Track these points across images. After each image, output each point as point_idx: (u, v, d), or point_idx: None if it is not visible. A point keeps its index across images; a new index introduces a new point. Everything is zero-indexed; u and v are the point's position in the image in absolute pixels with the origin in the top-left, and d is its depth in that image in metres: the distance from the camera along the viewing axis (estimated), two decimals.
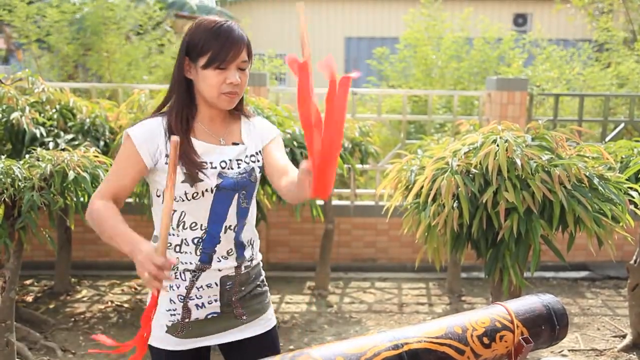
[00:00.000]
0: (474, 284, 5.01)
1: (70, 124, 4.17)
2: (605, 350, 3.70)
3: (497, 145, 2.50)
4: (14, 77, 4.17)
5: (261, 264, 1.81)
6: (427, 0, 7.85)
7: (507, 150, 2.49)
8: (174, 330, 1.65)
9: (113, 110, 4.48)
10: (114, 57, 7.19)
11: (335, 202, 5.23)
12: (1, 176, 2.74)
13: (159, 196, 1.63)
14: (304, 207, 3.79)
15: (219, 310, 1.67)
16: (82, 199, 3.10)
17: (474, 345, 1.34)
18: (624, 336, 3.84)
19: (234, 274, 1.67)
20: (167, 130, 1.60)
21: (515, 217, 2.45)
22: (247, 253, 1.71)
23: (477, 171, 2.54)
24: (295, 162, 3.74)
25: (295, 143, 3.77)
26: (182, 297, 1.64)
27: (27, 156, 3.05)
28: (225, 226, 1.63)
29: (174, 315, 1.64)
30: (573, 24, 8.90)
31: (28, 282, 4.76)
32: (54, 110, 4.15)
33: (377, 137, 4.95)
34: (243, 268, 1.69)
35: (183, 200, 1.59)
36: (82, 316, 4.12)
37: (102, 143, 4.19)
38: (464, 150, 2.65)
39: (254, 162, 1.68)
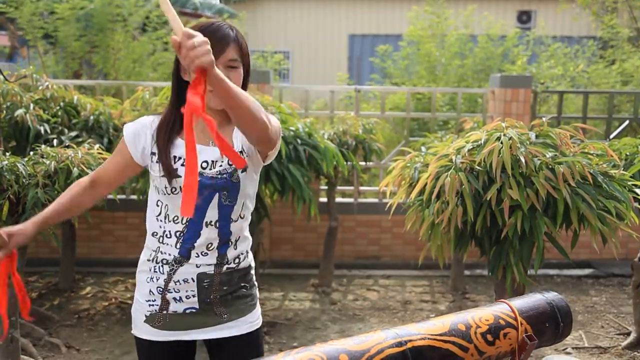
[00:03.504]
0: (477, 281, 5.00)
1: (74, 121, 4.18)
2: (609, 348, 3.69)
3: (501, 143, 2.49)
4: (18, 75, 4.18)
5: (252, 268, 1.80)
6: None
7: (511, 147, 2.48)
8: (152, 320, 1.70)
9: (117, 107, 4.49)
10: (120, 54, 7.20)
11: (338, 199, 5.23)
12: (6, 173, 2.74)
13: (153, 186, 1.71)
14: (305, 205, 3.79)
15: (197, 306, 1.68)
16: None
17: (478, 342, 1.34)
18: (628, 334, 3.83)
19: (212, 272, 1.67)
20: (156, 127, 1.69)
21: (519, 215, 2.44)
22: (231, 253, 1.70)
23: (480, 168, 2.54)
24: (299, 160, 3.74)
25: (298, 140, 3.77)
26: (161, 289, 1.68)
27: (31, 153, 3.06)
28: (206, 222, 1.65)
29: (152, 305, 1.70)
30: (577, 22, 8.88)
31: (32, 278, 4.78)
32: (58, 108, 4.15)
33: (381, 135, 4.94)
34: (224, 268, 1.69)
35: (165, 194, 1.66)
36: (86, 313, 4.13)
37: (105, 140, 4.20)
38: (468, 147, 2.64)
39: None
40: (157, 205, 1.68)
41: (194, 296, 1.67)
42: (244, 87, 1.67)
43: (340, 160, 4.04)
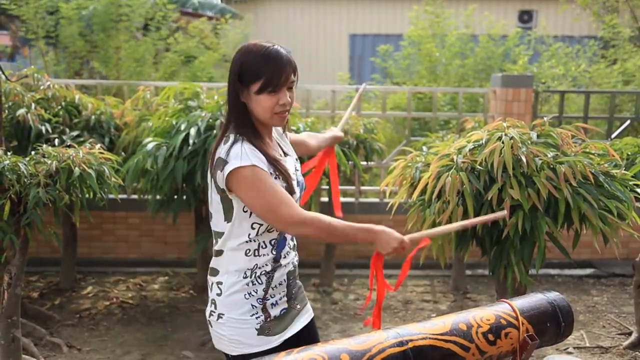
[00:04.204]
0: (478, 281, 5.00)
1: (75, 120, 4.18)
2: (610, 347, 3.69)
3: (502, 142, 2.49)
4: (19, 74, 4.18)
5: None
6: None
7: (512, 147, 2.48)
8: (264, 330, 1.74)
9: (118, 107, 4.50)
10: (121, 54, 7.21)
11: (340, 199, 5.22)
12: (7, 172, 2.75)
13: (245, 212, 1.71)
14: (305, 205, 3.79)
15: (286, 306, 1.80)
16: (87, 196, 3.10)
17: (479, 342, 1.34)
18: (629, 334, 3.83)
19: (293, 268, 1.84)
20: (267, 158, 1.72)
21: (520, 215, 2.44)
22: (296, 245, 1.91)
23: (482, 168, 2.53)
24: (300, 159, 3.74)
25: None
26: (261, 300, 1.74)
27: (32, 153, 3.06)
28: None
29: (259, 317, 1.74)
30: (578, 21, 8.87)
31: (34, 278, 4.78)
32: (59, 107, 4.16)
33: (382, 134, 4.94)
34: (295, 261, 1.88)
35: None
36: (88, 312, 4.13)
37: (107, 139, 4.20)
38: (469, 147, 2.64)
39: (299, 167, 1.93)
40: (253, 228, 1.72)
41: (284, 296, 1.80)
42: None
43: (342, 159, 4.03)
